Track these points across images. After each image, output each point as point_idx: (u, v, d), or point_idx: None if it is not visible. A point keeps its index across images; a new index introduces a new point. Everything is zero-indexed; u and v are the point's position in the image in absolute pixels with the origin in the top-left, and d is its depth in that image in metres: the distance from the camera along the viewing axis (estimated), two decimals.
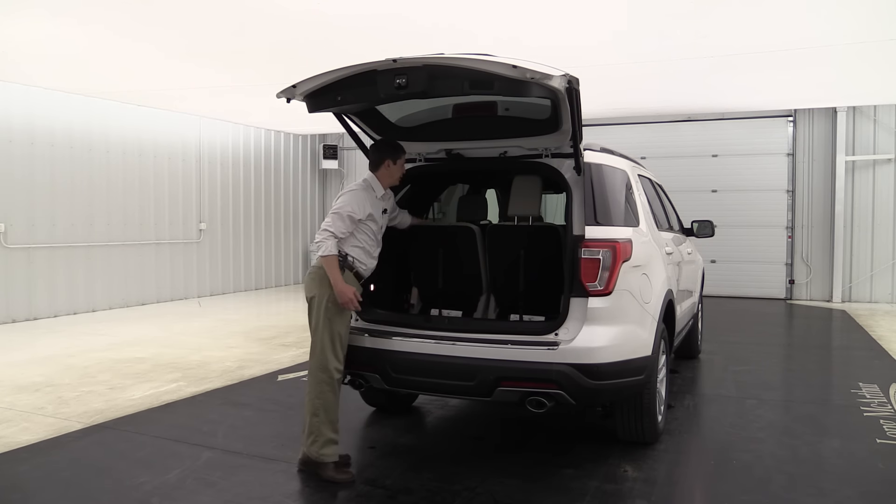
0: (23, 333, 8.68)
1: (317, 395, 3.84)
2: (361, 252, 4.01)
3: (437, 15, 6.52)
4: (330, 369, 3.85)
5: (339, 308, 3.86)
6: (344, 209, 3.89)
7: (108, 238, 10.74)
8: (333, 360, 3.87)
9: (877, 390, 5.81)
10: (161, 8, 6.26)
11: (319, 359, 3.87)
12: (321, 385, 3.84)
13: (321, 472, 3.82)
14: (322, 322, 3.86)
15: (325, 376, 3.84)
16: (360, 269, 4.01)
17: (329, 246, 3.81)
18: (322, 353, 3.86)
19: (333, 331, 3.88)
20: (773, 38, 7.27)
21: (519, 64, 3.26)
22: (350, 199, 3.94)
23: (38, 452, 4.34)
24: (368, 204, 3.98)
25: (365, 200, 3.97)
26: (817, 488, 3.80)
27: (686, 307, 5.81)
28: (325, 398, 3.83)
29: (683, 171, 12.52)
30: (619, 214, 4.08)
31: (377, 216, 4.06)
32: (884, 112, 11.76)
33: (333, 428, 3.85)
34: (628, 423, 4.30)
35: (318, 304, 3.87)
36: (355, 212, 3.90)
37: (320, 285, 3.86)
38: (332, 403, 3.85)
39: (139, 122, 11.23)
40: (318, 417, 3.82)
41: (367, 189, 4.04)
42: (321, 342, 3.87)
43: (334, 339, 3.88)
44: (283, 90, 3.83)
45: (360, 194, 3.98)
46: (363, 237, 4.00)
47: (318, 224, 15.78)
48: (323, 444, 3.81)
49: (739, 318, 10.26)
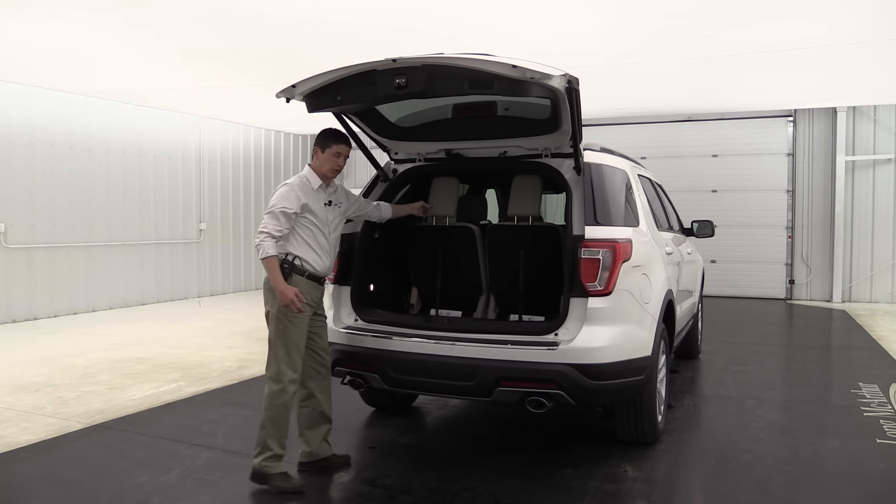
0: (23, 333, 8.68)
1: (266, 408, 3.71)
2: (309, 251, 3.80)
3: (438, 15, 6.52)
4: (284, 382, 3.70)
5: (293, 318, 3.71)
6: (276, 206, 3.70)
7: (108, 238, 10.74)
8: (289, 371, 3.72)
9: (877, 390, 5.81)
10: (161, 8, 6.26)
11: (273, 371, 3.73)
12: (272, 398, 3.70)
13: (269, 483, 3.68)
14: (276, 333, 3.73)
15: (278, 388, 3.70)
16: (312, 270, 3.80)
17: (267, 247, 3.63)
18: (276, 364, 3.72)
19: (289, 341, 3.72)
20: (773, 38, 7.27)
21: (519, 64, 3.26)
22: (280, 195, 3.74)
23: (38, 452, 4.34)
24: (302, 195, 3.76)
25: (297, 193, 3.75)
26: (817, 488, 3.80)
27: (686, 307, 5.81)
28: (276, 412, 3.69)
29: (683, 171, 12.51)
30: (619, 214, 4.07)
31: (317, 209, 3.82)
32: (884, 112, 11.76)
33: (280, 443, 3.71)
34: (628, 423, 4.29)
35: (272, 315, 3.74)
36: (287, 206, 3.70)
37: (273, 296, 3.71)
38: (282, 418, 3.71)
39: (139, 122, 11.23)
40: (266, 430, 3.70)
41: (302, 181, 3.82)
42: (276, 354, 3.73)
43: (290, 351, 3.73)
44: (282, 90, 3.82)
45: (292, 188, 3.77)
46: (306, 233, 3.79)
47: None
48: (267, 457, 3.68)
49: (739, 318, 10.26)
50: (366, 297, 4.52)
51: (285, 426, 3.74)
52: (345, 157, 3.93)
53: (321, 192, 3.87)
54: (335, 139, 3.90)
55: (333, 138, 3.90)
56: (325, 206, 3.89)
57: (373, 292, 4.64)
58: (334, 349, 4.27)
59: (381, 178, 4.70)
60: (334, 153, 3.88)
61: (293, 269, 3.74)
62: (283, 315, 3.70)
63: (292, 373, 3.74)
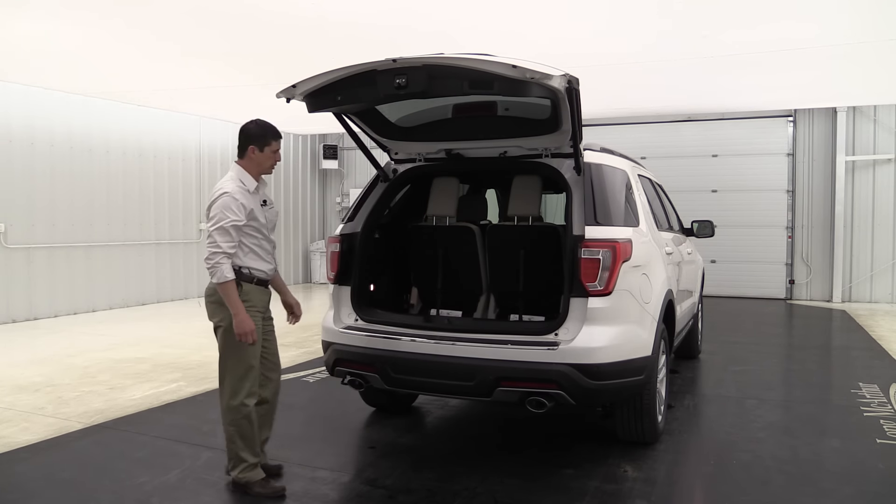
0: (23, 333, 8.68)
1: (230, 423, 3.61)
2: (255, 258, 3.66)
3: (438, 16, 6.52)
4: (241, 396, 3.58)
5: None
6: (225, 222, 3.47)
7: (108, 238, 10.74)
8: (246, 385, 3.60)
9: (877, 390, 5.81)
10: (161, 8, 6.26)
11: (230, 390, 3.60)
12: (233, 413, 3.59)
13: (249, 490, 3.63)
14: (229, 348, 3.58)
15: (237, 403, 3.58)
16: (260, 276, 3.68)
17: (224, 270, 3.44)
18: (231, 383, 3.60)
19: (244, 354, 3.58)
20: (774, 38, 7.27)
21: (519, 64, 3.26)
22: (224, 206, 3.50)
23: (38, 452, 4.34)
24: (245, 202, 3.56)
25: (241, 201, 3.54)
26: (817, 488, 3.80)
27: (686, 307, 5.81)
28: (240, 425, 3.60)
29: (683, 171, 12.51)
30: (619, 214, 4.08)
31: (258, 212, 3.65)
32: (884, 112, 11.76)
33: (253, 452, 3.65)
34: (628, 423, 4.29)
35: (224, 330, 3.58)
36: (237, 219, 3.51)
37: (220, 307, 3.56)
38: (248, 429, 3.61)
39: (139, 122, 11.23)
40: (235, 444, 3.62)
41: (240, 187, 3.60)
42: (231, 369, 3.60)
43: (246, 363, 3.60)
44: (283, 90, 3.82)
45: (234, 197, 3.53)
46: (251, 240, 3.63)
47: (318, 224, 15.85)
48: (244, 469, 3.62)
49: (739, 318, 10.26)
50: (366, 297, 4.52)
51: (254, 435, 3.66)
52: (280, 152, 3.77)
53: (257, 194, 3.69)
54: (273, 135, 3.71)
55: (272, 134, 3.71)
56: (262, 207, 3.72)
57: (373, 292, 4.64)
58: (334, 349, 4.28)
59: (381, 178, 4.70)
60: (273, 150, 3.71)
61: (241, 278, 3.57)
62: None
63: (251, 386, 3.62)
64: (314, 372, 6.50)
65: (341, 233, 4.54)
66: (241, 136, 3.72)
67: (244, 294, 3.58)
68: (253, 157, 3.69)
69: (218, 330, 3.63)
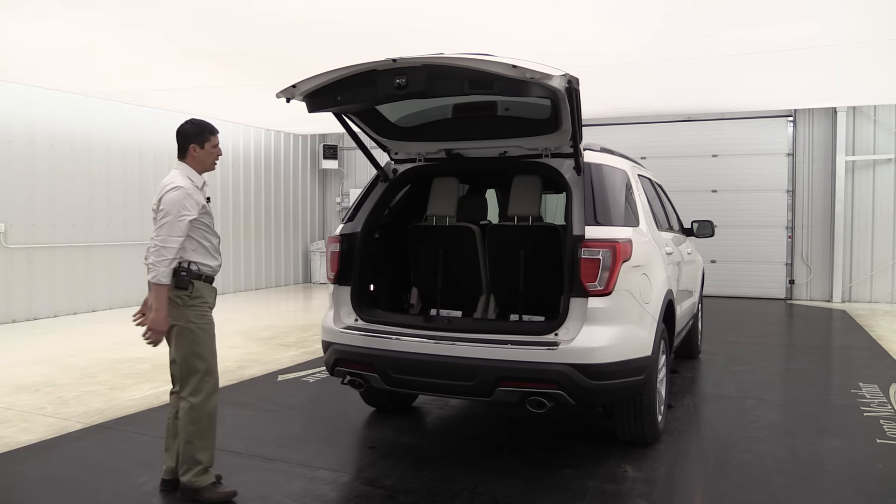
0: (23, 333, 8.68)
1: (190, 422, 3.53)
2: (204, 253, 3.61)
3: (439, 16, 6.52)
4: (204, 392, 3.55)
5: (205, 326, 3.57)
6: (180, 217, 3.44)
7: (108, 238, 10.74)
8: (209, 380, 3.57)
9: (877, 390, 5.81)
10: (161, 8, 6.26)
11: (193, 386, 3.55)
12: (195, 411, 3.53)
13: (199, 496, 3.54)
14: (188, 346, 3.54)
15: (199, 400, 3.54)
16: (208, 272, 3.63)
17: (162, 274, 3.38)
18: (193, 379, 3.55)
19: (204, 350, 3.56)
20: (773, 38, 7.27)
21: (519, 64, 3.26)
22: (176, 201, 3.46)
23: (38, 452, 4.34)
24: (197, 197, 3.55)
25: (194, 197, 3.53)
26: (817, 488, 3.80)
27: (686, 307, 5.81)
28: (201, 424, 3.54)
29: (683, 171, 12.52)
30: (619, 214, 4.07)
31: (209, 207, 3.67)
32: (884, 112, 11.76)
33: (209, 455, 3.58)
34: (628, 423, 4.29)
35: (181, 329, 3.53)
36: (191, 214, 3.48)
37: (174, 307, 3.51)
38: (208, 428, 3.57)
39: (139, 122, 11.23)
40: (193, 445, 3.53)
41: (190, 182, 3.57)
42: (192, 367, 3.56)
43: (207, 359, 3.57)
44: (283, 90, 3.82)
45: (187, 192, 3.50)
46: (200, 235, 3.59)
47: (318, 224, 15.85)
48: (197, 472, 3.53)
49: (739, 318, 10.26)
50: (366, 297, 4.52)
51: (212, 436, 3.61)
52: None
53: (202, 191, 3.68)
54: (210, 131, 3.67)
55: (209, 131, 3.67)
56: (207, 203, 3.70)
57: (373, 292, 4.64)
58: (334, 349, 4.28)
59: (381, 178, 4.70)
60: (213, 145, 3.67)
61: (192, 276, 3.53)
62: (195, 325, 3.53)
63: (213, 382, 3.60)
64: (314, 372, 6.50)
65: (341, 233, 4.54)
66: (178, 137, 3.67)
67: (196, 291, 3.55)
68: (195, 155, 3.64)
69: (173, 329, 3.55)
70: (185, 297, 3.53)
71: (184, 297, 3.53)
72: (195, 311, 3.57)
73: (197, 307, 3.57)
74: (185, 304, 3.54)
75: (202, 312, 3.60)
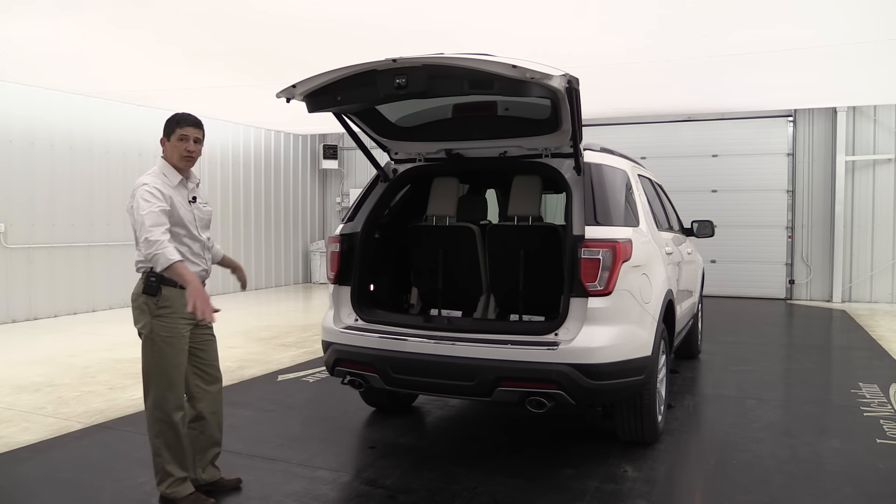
0: (23, 333, 8.68)
1: (155, 435, 3.41)
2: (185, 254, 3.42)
3: (439, 15, 6.52)
4: (167, 409, 3.38)
5: (170, 340, 3.35)
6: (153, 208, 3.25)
7: (108, 238, 10.74)
8: (171, 397, 3.39)
9: (877, 390, 5.81)
10: (162, 9, 6.27)
11: (154, 398, 3.38)
12: (159, 425, 3.39)
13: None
14: (151, 357, 3.37)
15: (161, 415, 3.38)
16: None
17: (168, 252, 3.17)
18: (156, 391, 3.38)
19: (168, 365, 3.37)
20: (774, 38, 7.27)
21: (519, 64, 3.26)
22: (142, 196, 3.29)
23: (39, 452, 4.34)
24: (165, 191, 3.37)
25: (161, 190, 3.35)
26: (817, 488, 3.80)
27: (686, 307, 5.81)
28: (166, 437, 3.40)
29: (683, 171, 12.52)
30: (619, 214, 4.07)
31: (179, 206, 3.42)
32: (884, 112, 11.76)
33: (181, 465, 3.46)
34: (628, 423, 4.30)
35: (146, 338, 3.38)
36: (162, 204, 3.30)
37: (141, 313, 3.36)
38: (175, 440, 3.42)
39: (139, 122, 11.22)
40: (162, 457, 3.42)
41: (161, 179, 3.42)
42: (154, 380, 3.38)
43: (170, 375, 3.38)
44: (282, 90, 3.82)
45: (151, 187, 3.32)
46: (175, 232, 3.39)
47: (318, 224, 15.85)
48: (171, 483, 3.43)
49: (739, 318, 10.26)
50: (366, 297, 4.52)
51: (182, 448, 3.46)
52: (193, 139, 3.48)
53: (183, 189, 3.49)
54: (177, 123, 3.49)
55: (175, 122, 3.49)
56: (190, 204, 3.52)
57: (373, 292, 4.64)
58: (334, 349, 4.28)
59: (381, 178, 4.70)
60: (178, 138, 3.46)
61: (162, 281, 3.30)
62: (159, 337, 3.34)
63: (175, 397, 3.41)
64: (314, 372, 6.50)
65: (341, 233, 4.54)
66: None
67: (164, 300, 3.33)
68: (164, 149, 3.51)
69: (140, 336, 3.42)
70: (151, 305, 3.34)
71: (150, 305, 3.34)
72: (162, 322, 3.35)
73: (164, 317, 3.35)
74: (153, 313, 3.34)
75: (170, 324, 3.36)
